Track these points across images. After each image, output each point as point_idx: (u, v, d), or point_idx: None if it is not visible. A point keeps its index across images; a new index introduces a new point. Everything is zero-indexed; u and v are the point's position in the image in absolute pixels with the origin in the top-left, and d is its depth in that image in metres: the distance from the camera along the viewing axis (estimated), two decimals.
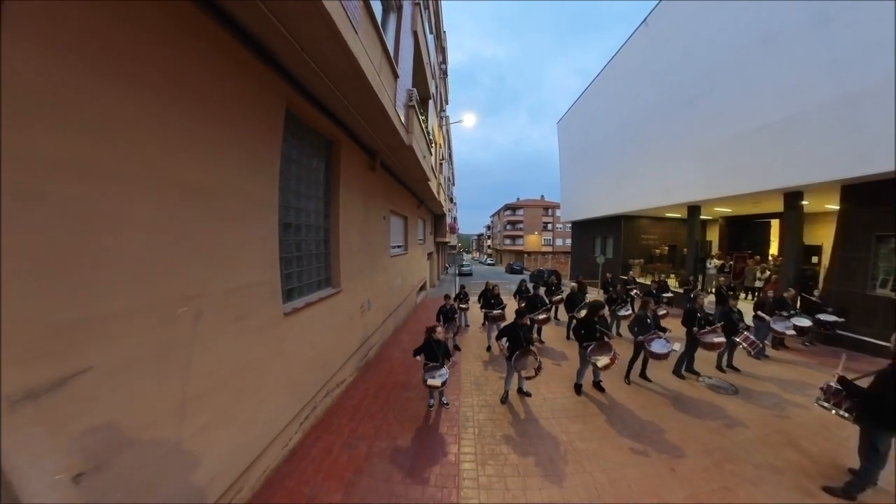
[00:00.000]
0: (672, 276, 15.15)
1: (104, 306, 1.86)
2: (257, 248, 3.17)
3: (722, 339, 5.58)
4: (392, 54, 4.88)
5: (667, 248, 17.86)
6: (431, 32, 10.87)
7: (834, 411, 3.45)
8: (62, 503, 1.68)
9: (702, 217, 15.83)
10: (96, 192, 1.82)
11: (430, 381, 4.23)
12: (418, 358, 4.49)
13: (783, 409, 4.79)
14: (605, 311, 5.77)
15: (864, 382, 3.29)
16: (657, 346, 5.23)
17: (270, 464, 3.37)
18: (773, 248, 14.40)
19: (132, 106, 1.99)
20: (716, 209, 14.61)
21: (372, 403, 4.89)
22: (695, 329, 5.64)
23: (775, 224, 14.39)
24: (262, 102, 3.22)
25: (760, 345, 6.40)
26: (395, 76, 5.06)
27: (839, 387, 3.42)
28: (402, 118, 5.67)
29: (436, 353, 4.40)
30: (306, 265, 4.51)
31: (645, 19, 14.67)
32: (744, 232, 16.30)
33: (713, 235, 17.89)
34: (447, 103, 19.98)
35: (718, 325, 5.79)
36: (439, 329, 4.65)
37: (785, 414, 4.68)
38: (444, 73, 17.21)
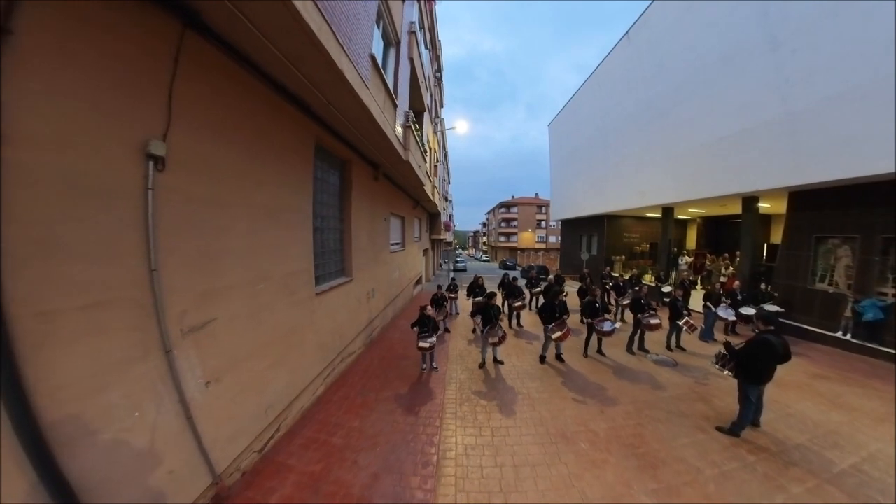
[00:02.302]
0: (650, 271, 16.39)
1: (222, 282, 3.09)
2: (300, 246, 4.43)
3: (657, 321, 6.81)
4: (392, 89, 6.03)
5: (647, 245, 19.03)
6: (427, 47, 11.79)
7: (725, 371, 4.40)
8: (198, 399, 2.90)
9: (680, 217, 16.91)
10: (217, 213, 3.04)
11: (422, 344, 5.62)
12: (414, 329, 5.85)
13: (709, 378, 5.81)
14: (565, 296, 6.94)
15: None
16: (604, 326, 6.52)
17: (305, 404, 4.62)
18: None
19: (238, 159, 3.21)
20: (690, 210, 15.70)
21: (377, 368, 6.18)
22: (639, 314, 6.89)
23: None
24: (302, 141, 4.45)
25: (698, 327, 7.61)
26: (395, 106, 6.23)
27: (725, 352, 4.40)
28: (401, 138, 6.84)
29: (426, 324, 5.77)
30: (328, 259, 5.77)
31: (627, 32, 15.62)
32: (720, 231, 17.48)
33: (692, 234, 19.09)
34: (442, 107, 20.96)
35: (652, 311, 6.92)
36: (429, 308, 6.05)
37: (708, 381, 5.72)
38: (439, 80, 18.17)
